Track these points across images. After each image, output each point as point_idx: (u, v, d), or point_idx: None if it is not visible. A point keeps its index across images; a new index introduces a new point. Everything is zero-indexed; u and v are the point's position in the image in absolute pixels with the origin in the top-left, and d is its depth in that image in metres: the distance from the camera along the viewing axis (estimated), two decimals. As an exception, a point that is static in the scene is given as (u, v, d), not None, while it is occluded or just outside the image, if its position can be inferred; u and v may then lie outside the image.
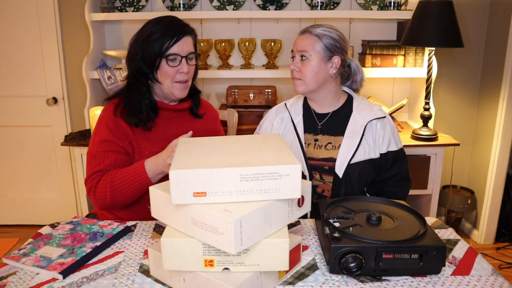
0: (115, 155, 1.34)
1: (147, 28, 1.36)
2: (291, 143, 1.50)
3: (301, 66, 1.45)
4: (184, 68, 1.36)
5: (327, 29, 1.44)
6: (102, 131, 1.37)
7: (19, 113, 2.76)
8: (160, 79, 1.37)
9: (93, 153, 1.36)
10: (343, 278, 0.97)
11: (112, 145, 1.35)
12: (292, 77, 1.48)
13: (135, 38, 1.39)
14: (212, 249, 0.86)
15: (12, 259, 1.03)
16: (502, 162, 2.57)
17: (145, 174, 1.27)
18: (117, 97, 1.43)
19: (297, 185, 0.86)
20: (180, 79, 1.38)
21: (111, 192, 1.29)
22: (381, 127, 1.46)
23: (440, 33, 2.14)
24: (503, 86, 2.48)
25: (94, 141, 1.37)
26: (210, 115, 1.59)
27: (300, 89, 1.47)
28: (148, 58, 1.34)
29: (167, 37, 1.33)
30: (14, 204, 2.92)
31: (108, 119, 1.38)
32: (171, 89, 1.38)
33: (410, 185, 1.55)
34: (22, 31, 2.63)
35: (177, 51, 1.35)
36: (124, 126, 1.37)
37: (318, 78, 1.44)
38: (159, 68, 1.35)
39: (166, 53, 1.33)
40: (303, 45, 1.44)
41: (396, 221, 1.06)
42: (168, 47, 1.33)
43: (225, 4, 2.58)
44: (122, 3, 2.57)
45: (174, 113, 1.47)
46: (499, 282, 0.95)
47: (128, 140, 1.37)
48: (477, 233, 2.75)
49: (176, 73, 1.36)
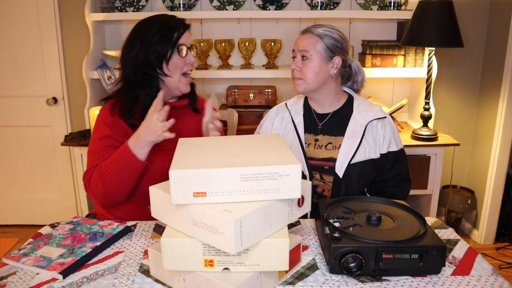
0: (114, 151, 1.33)
1: (147, 24, 1.38)
2: (291, 143, 1.50)
3: (302, 66, 1.45)
4: (191, 58, 1.41)
5: (328, 29, 1.44)
6: (101, 128, 1.37)
7: (19, 113, 2.76)
8: (170, 72, 1.38)
9: (93, 150, 1.35)
10: (343, 278, 0.97)
11: (111, 141, 1.34)
12: (293, 77, 1.48)
13: (133, 37, 1.39)
14: (212, 249, 0.86)
15: (12, 259, 1.03)
16: (502, 162, 2.57)
17: (128, 151, 1.25)
18: (114, 98, 1.42)
19: (297, 185, 0.86)
20: (187, 70, 1.41)
21: (101, 180, 1.27)
22: (381, 127, 1.46)
23: (440, 33, 2.14)
24: (503, 86, 2.48)
25: (94, 139, 1.37)
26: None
27: (300, 88, 1.47)
28: (160, 51, 1.35)
29: (175, 28, 1.37)
30: (14, 204, 2.92)
31: (106, 117, 1.38)
32: (178, 83, 1.40)
33: (410, 185, 1.55)
34: (22, 31, 2.63)
35: (184, 42, 1.38)
36: (122, 123, 1.37)
37: (319, 78, 1.44)
38: (170, 60, 1.37)
39: (178, 43, 1.36)
40: (304, 45, 1.44)
41: (396, 221, 1.06)
42: (178, 37, 1.37)
43: (225, 4, 2.58)
44: (122, 3, 2.57)
45: (174, 110, 1.47)
46: (499, 282, 0.95)
47: (128, 136, 1.35)
48: (477, 233, 2.75)
49: (184, 64, 1.39)
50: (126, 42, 1.41)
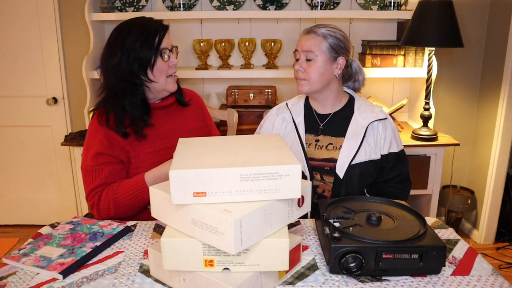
0: (108, 167, 1.34)
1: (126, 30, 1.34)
2: (292, 143, 1.49)
3: (307, 66, 1.43)
4: (174, 60, 1.39)
5: (331, 29, 1.43)
6: (92, 144, 1.35)
7: (19, 113, 2.76)
8: (155, 78, 1.36)
9: (87, 169, 1.34)
10: (343, 278, 0.97)
11: (104, 158, 1.33)
12: (296, 78, 1.47)
13: (112, 44, 1.35)
14: (212, 249, 0.86)
15: (12, 259, 1.03)
16: (502, 162, 2.57)
17: (146, 189, 1.28)
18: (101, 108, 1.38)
19: (297, 185, 0.86)
20: (172, 72, 1.40)
21: (114, 207, 1.31)
22: (382, 128, 1.45)
23: (440, 33, 2.14)
24: (503, 86, 2.48)
25: (87, 156, 1.35)
26: (195, 102, 1.60)
27: (304, 89, 1.46)
28: (143, 57, 1.32)
29: (155, 32, 1.34)
30: (14, 204, 2.92)
31: (97, 131, 1.35)
32: (164, 85, 1.39)
33: (410, 186, 1.55)
34: (22, 31, 2.63)
35: (166, 45, 1.36)
36: (113, 134, 1.34)
37: (323, 79, 1.44)
38: (154, 66, 1.35)
39: (160, 48, 1.34)
40: (309, 45, 1.42)
41: (396, 221, 1.05)
42: (160, 41, 1.35)
43: (225, 4, 2.58)
44: (122, 3, 2.57)
45: (162, 110, 1.47)
46: (499, 282, 0.95)
47: (120, 146, 1.35)
48: (477, 233, 2.75)
49: (168, 67, 1.38)
50: (106, 48, 1.36)
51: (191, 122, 1.53)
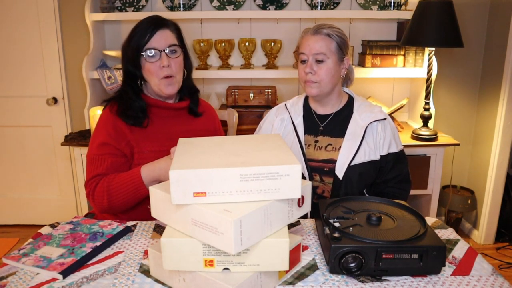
0: (112, 158, 1.35)
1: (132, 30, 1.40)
2: (291, 144, 1.49)
3: (318, 68, 1.40)
4: (164, 61, 1.35)
5: (335, 29, 1.43)
6: (100, 133, 1.38)
7: (19, 113, 2.76)
8: (147, 78, 1.39)
9: (91, 156, 1.37)
10: (343, 278, 0.97)
11: (109, 148, 1.36)
12: (305, 80, 1.43)
13: (123, 42, 1.41)
14: (212, 249, 0.86)
15: (12, 259, 1.03)
16: (502, 162, 2.57)
17: (140, 180, 1.28)
18: (114, 99, 1.45)
19: (297, 185, 0.86)
20: (164, 74, 1.36)
21: (107, 196, 1.30)
22: (381, 129, 1.45)
23: (440, 33, 2.14)
24: (503, 86, 2.48)
25: (93, 145, 1.39)
26: (209, 114, 1.59)
27: (314, 91, 1.43)
28: (132, 58, 1.36)
29: (143, 33, 1.35)
30: (14, 204, 2.92)
31: (107, 120, 1.39)
32: (159, 86, 1.38)
33: (410, 186, 1.54)
34: (22, 31, 2.63)
35: (154, 45, 1.34)
36: (122, 126, 1.38)
37: (334, 80, 1.43)
38: (143, 66, 1.37)
39: (143, 49, 1.34)
40: (319, 47, 1.39)
41: (396, 221, 1.05)
42: (145, 42, 1.34)
43: (225, 4, 2.58)
44: (122, 3, 2.57)
45: (172, 111, 1.47)
46: (499, 282, 0.95)
47: (126, 140, 1.37)
48: (477, 233, 2.75)
49: (159, 69, 1.36)
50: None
51: (201, 130, 1.52)
